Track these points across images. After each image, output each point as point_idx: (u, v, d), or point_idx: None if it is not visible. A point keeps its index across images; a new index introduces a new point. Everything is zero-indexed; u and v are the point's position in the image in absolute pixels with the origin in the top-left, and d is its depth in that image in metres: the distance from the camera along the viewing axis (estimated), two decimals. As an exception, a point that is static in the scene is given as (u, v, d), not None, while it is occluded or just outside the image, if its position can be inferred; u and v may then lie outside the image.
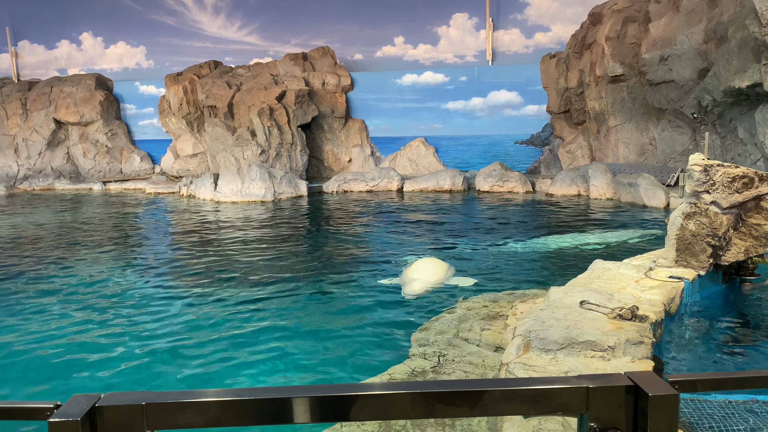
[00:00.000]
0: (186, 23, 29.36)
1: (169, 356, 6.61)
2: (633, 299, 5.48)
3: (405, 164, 25.62)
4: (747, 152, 15.71)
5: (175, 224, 17.09)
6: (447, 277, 9.45)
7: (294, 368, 6.25)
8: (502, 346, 5.87)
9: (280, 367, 6.29)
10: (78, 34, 30.44)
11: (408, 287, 8.83)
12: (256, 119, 23.09)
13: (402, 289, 8.87)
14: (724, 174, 6.44)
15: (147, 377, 6.11)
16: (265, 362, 6.39)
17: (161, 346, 6.90)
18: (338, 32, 27.72)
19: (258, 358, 6.50)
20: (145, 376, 6.15)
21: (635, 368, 4.25)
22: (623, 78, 20.23)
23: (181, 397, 1.33)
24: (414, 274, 9.40)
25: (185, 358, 6.56)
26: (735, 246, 6.68)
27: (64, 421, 1.26)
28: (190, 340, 7.09)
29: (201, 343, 7.01)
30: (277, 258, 11.64)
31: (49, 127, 27.90)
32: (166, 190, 24.09)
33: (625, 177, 18.25)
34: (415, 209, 18.18)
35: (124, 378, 6.13)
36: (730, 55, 15.40)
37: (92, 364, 6.49)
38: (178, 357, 6.59)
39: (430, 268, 9.69)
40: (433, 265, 9.82)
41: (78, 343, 7.12)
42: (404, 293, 8.67)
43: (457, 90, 25.86)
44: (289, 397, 1.33)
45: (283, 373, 6.15)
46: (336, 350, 6.67)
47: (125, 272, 10.77)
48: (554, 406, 1.32)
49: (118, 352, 6.80)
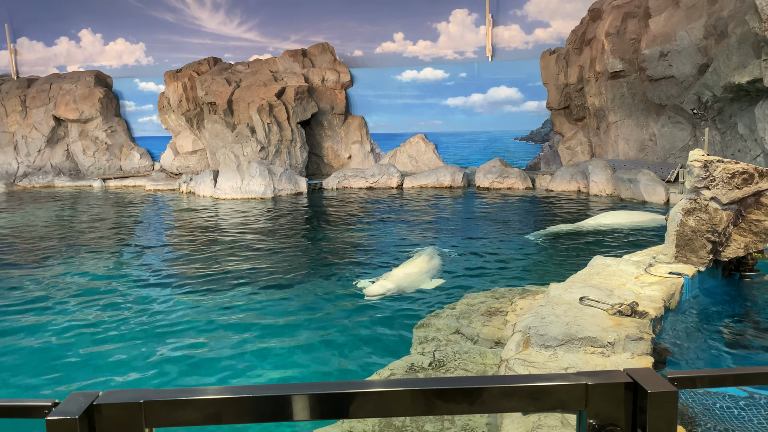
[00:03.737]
0: (185, 20, 29.29)
1: (168, 354, 6.61)
2: (633, 295, 5.48)
3: (405, 161, 25.60)
4: (747, 148, 15.70)
5: (175, 221, 17.08)
6: (428, 276, 9.25)
7: (294, 364, 6.25)
8: (501, 342, 5.87)
9: (280, 363, 6.29)
10: (77, 30, 30.37)
11: (373, 287, 8.53)
12: (255, 116, 23.06)
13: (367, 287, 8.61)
14: (724, 170, 6.43)
15: (146, 375, 6.11)
16: (265, 358, 6.40)
17: (160, 344, 6.90)
18: (338, 28, 27.67)
19: (257, 355, 6.50)
20: (143, 373, 6.14)
21: (635, 364, 4.25)
22: (623, 74, 20.20)
23: (179, 394, 1.32)
24: (397, 271, 9.23)
25: (184, 355, 6.56)
26: (735, 242, 6.68)
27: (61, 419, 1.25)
28: (189, 338, 7.09)
29: (200, 340, 7.01)
30: (277, 254, 11.64)
31: (48, 124, 27.86)
32: (166, 187, 24.07)
33: (625, 173, 18.24)
34: (415, 206, 18.17)
35: (123, 376, 6.13)
36: (730, 50, 15.37)
37: (90, 362, 6.49)
38: (177, 355, 6.59)
39: (413, 267, 9.54)
40: (417, 265, 9.62)
41: (76, 340, 7.11)
42: (366, 292, 8.43)
43: (456, 86, 25.82)
44: (289, 395, 1.33)
45: (283, 369, 6.15)
46: (335, 346, 6.68)
47: (124, 269, 10.77)
48: (553, 402, 1.32)
49: (117, 349, 6.80)
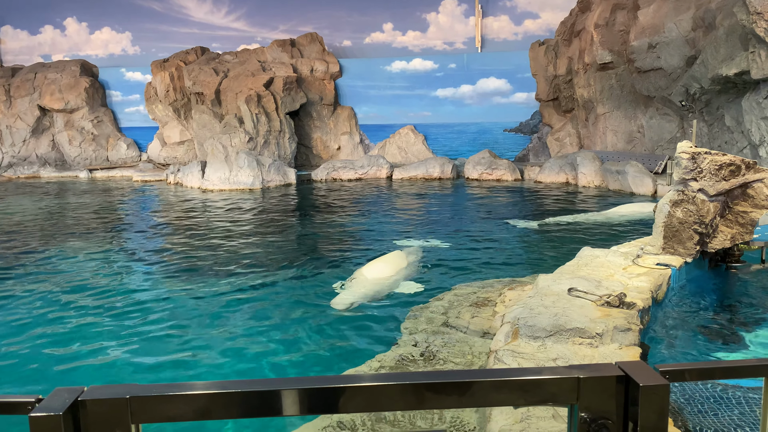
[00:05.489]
0: (172, 9, 28.97)
1: (155, 348, 6.56)
2: (621, 286, 5.51)
3: (394, 152, 25.55)
4: (734, 140, 15.81)
5: (162, 212, 16.96)
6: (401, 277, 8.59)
7: (282, 356, 6.23)
8: (490, 333, 5.89)
9: (268, 355, 6.27)
10: (62, 19, 29.94)
11: (340, 297, 7.74)
12: (243, 106, 22.90)
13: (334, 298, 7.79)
14: (712, 162, 6.47)
15: (132, 370, 6.05)
16: (252, 351, 6.37)
17: (147, 338, 6.85)
18: (326, 18, 27.49)
19: (245, 348, 6.47)
20: (129, 368, 6.08)
21: (623, 355, 4.27)
22: (612, 65, 20.25)
23: (166, 390, 1.30)
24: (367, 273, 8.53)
25: (171, 349, 6.51)
26: (721, 233, 6.73)
27: (45, 415, 1.23)
28: (176, 331, 7.04)
29: (187, 334, 6.97)
30: (265, 246, 11.59)
31: (33, 114, 27.52)
32: (153, 178, 23.89)
33: (613, 165, 18.32)
34: (404, 197, 18.16)
35: (108, 371, 6.06)
36: (718, 42, 15.44)
37: (75, 357, 6.40)
38: (164, 348, 6.54)
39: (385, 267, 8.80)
40: (385, 267, 8.86)
41: (60, 334, 7.02)
42: (333, 303, 7.58)
43: (446, 77, 25.77)
44: (277, 390, 1.31)
45: (271, 361, 6.13)
46: (324, 337, 6.66)
47: (110, 262, 10.67)
48: (545, 396, 1.32)
49: (103, 344, 6.72)
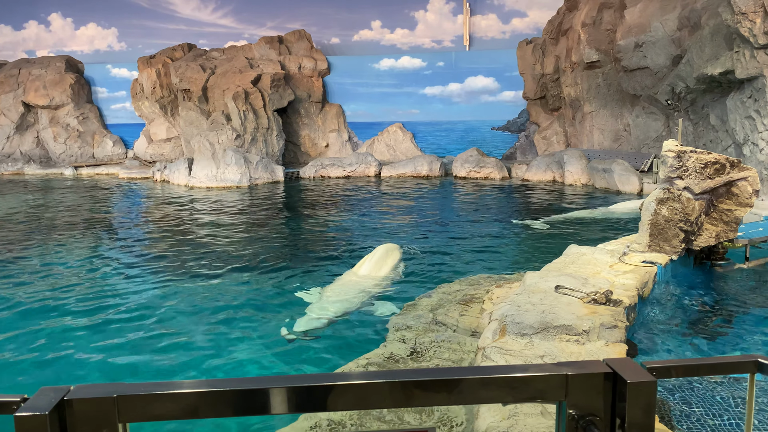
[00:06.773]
0: (159, 5, 28.75)
1: (141, 346, 6.51)
2: (607, 284, 5.55)
3: (382, 150, 25.55)
4: (719, 138, 15.97)
5: (149, 210, 16.83)
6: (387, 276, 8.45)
7: (268, 355, 6.21)
8: (478, 331, 5.91)
9: (255, 353, 6.25)
10: (46, 14, 29.62)
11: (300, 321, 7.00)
12: (231, 103, 22.78)
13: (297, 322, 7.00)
14: (697, 160, 6.53)
15: (118, 368, 6.00)
16: (238, 349, 6.34)
17: (133, 336, 6.80)
18: (314, 15, 27.41)
19: (230, 346, 6.44)
20: (116, 367, 6.04)
21: (609, 352, 4.30)
22: (599, 64, 20.38)
23: (153, 388, 1.29)
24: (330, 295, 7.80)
25: (157, 347, 6.47)
26: (706, 231, 6.80)
27: (31, 415, 1.21)
28: (162, 329, 7.00)
29: (173, 332, 6.93)
30: (251, 244, 11.55)
31: (17, 110, 27.19)
32: (140, 175, 23.70)
33: (600, 163, 18.44)
34: (392, 195, 18.16)
35: (94, 369, 6.01)
36: (703, 42, 15.58)
37: (61, 356, 6.34)
38: (150, 346, 6.50)
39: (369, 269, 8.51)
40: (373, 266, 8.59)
41: (46, 333, 6.95)
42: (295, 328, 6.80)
43: (434, 75, 25.80)
44: (265, 388, 1.30)
45: (258, 359, 6.10)
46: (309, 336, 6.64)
47: (95, 260, 10.58)
48: (533, 393, 1.32)
49: (88, 342, 6.67)
